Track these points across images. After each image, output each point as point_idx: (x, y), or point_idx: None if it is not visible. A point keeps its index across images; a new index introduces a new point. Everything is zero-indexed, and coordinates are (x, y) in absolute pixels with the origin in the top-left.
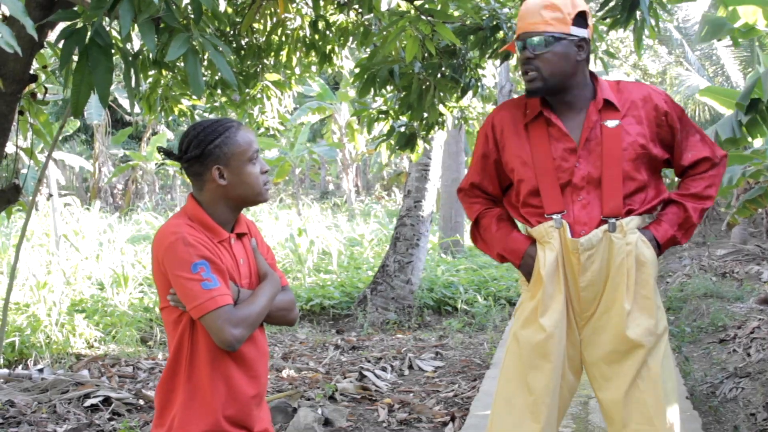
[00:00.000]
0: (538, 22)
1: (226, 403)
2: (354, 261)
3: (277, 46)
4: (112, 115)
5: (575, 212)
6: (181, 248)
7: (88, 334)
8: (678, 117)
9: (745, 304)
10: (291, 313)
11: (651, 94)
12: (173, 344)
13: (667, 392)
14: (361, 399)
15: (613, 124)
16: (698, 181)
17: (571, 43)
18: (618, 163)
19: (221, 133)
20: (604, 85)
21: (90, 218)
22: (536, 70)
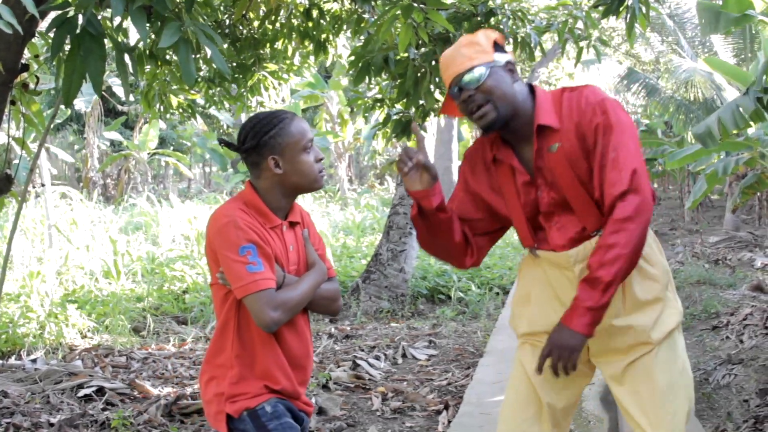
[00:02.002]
0: (463, 62)
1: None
2: (347, 250)
3: (272, 36)
4: (104, 105)
5: (553, 237)
6: (232, 231)
7: (80, 324)
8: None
9: (737, 291)
10: (335, 303)
11: (582, 102)
12: (221, 319)
13: (661, 386)
14: (354, 388)
15: (554, 149)
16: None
17: (500, 68)
18: (573, 184)
19: (276, 124)
20: (544, 104)
21: (83, 208)
22: (484, 102)
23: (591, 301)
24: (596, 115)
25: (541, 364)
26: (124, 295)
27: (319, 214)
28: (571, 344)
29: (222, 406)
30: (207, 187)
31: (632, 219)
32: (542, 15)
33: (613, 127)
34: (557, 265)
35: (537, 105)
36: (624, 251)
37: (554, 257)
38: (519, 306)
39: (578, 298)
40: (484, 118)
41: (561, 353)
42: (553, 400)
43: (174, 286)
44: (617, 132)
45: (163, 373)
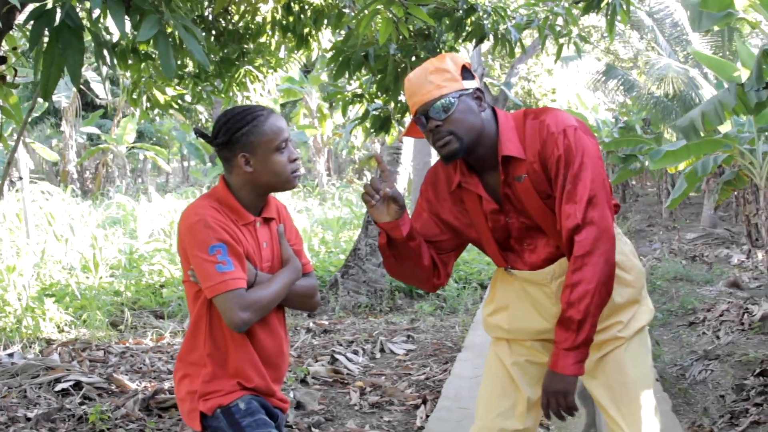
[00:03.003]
0: (431, 90)
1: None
2: (325, 244)
3: (255, 30)
4: (82, 98)
5: (526, 258)
6: (201, 230)
7: (58, 318)
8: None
9: (714, 288)
10: (312, 300)
11: (544, 131)
12: (193, 316)
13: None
14: (333, 382)
15: (521, 179)
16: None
17: (468, 97)
18: (542, 211)
19: (249, 121)
20: (507, 132)
21: (61, 202)
22: (449, 134)
23: (568, 342)
24: (557, 146)
25: (546, 413)
26: (101, 289)
27: (298, 209)
28: (563, 388)
29: (195, 404)
30: (185, 182)
31: (592, 252)
32: (522, 11)
33: (573, 158)
34: (534, 283)
35: (500, 133)
36: (590, 286)
37: (530, 276)
38: (496, 315)
39: (557, 342)
40: (446, 148)
41: (557, 399)
42: (531, 393)
43: (152, 280)
44: (576, 163)
45: (141, 367)
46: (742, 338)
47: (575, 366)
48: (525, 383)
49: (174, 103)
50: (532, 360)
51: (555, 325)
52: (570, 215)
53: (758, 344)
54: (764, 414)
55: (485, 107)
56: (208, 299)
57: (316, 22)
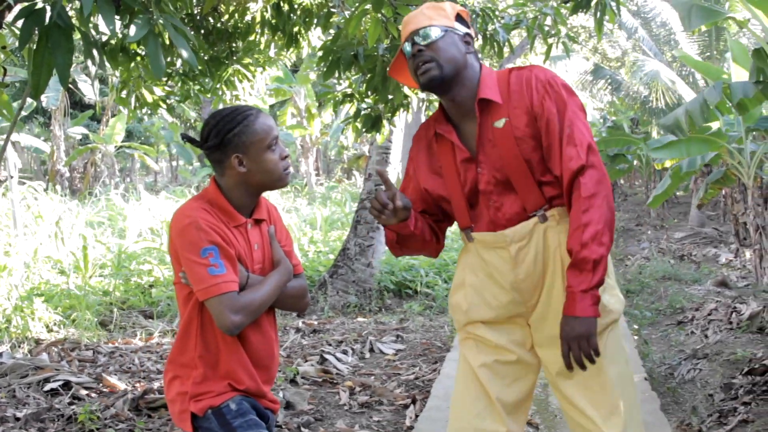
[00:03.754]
0: (422, 20)
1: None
2: (314, 244)
3: (244, 29)
4: (71, 97)
5: (491, 216)
6: (193, 232)
7: (47, 317)
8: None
9: (702, 287)
10: (302, 301)
11: (531, 78)
12: (184, 318)
13: (612, 378)
14: (322, 382)
15: (501, 123)
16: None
17: (457, 36)
18: (518, 160)
19: (240, 122)
20: (489, 81)
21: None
22: (431, 59)
23: (585, 283)
24: (548, 93)
25: (568, 362)
26: (91, 288)
27: (287, 209)
28: (585, 331)
29: (186, 405)
30: (174, 181)
31: (597, 194)
32: (511, 11)
33: (566, 105)
34: (492, 246)
35: (481, 80)
36: (599, 226)
37: (490, 237)
38: (454, 294)
39: (571, 285)
40: (426, 74)
41: (580, 344)
42: (502, 395)
43: (141, 280)
44: (570, 109)
45: (130, 367)
46: (730, 337)
47: (593, 307)
48: (495, 386)
49: (162, 102)
50: (501, 359)
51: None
52: (573, 157)
53: (746, 343)
54: (752, 413)
55: (471, 51)
56: (199, 301)
57: (306, 21)
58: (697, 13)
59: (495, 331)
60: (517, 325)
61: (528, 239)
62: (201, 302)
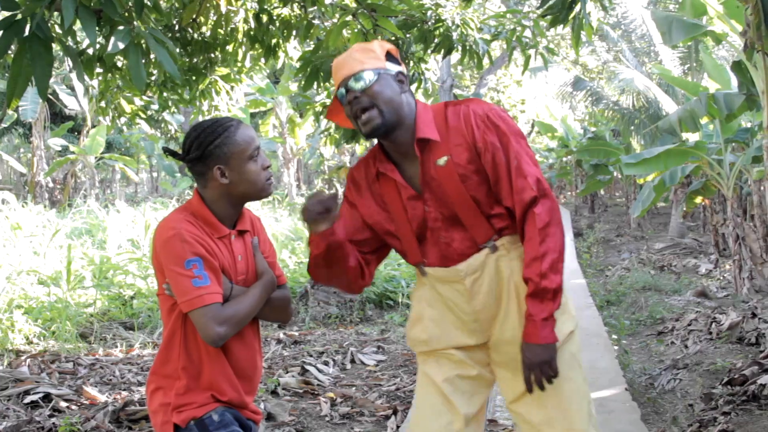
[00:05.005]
0: (353, 65)
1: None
2: (296, 255)
3: (222, 40)
4: (51, 108)
5: (442, 251)
6: (177, 244)
7: (27, 330)
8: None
9: (682, 297)
10: (285, 312)
11: (470, 114)
12: (167, 329)
13: (567, 395)
14: (303, 393)
15: (443, 161)
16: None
17: (389, 76)
18: (464, 197)
19: (221, 133)
20: (426, 118)
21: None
22: (369, 105)
23: (545, 312)
24: (488, 127)
25: (530, 387)
26: (71, 300)
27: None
28: (548, 357)
29: (169, 416)
30: (154, 192)
31: (551, 223)
32: (491, 23)
33: (508, 137)
34: (446, 281)
35: (417, 118)
36: (555, 255)
37: (444, 273)
38: (413, 329)
39: (532, 314)
40: (369, 123)
41: (542, 369)
42: (464, 408)
43: (123, 291)
44: (512, 141)
45: (111, 379)
46: (710, 347)
47: (553, 333)
48: (459, 399)
49: (141, 112)
50: (463, 374)
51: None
52: (525, 188)
53: (726, 353)
54: (732, 422)
55: (406, 90)
56: (182, 313)
57: (285, 32)
58: (678, 27)
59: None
60: (476, 347)
61: (481, 271)
62: (184, 313)
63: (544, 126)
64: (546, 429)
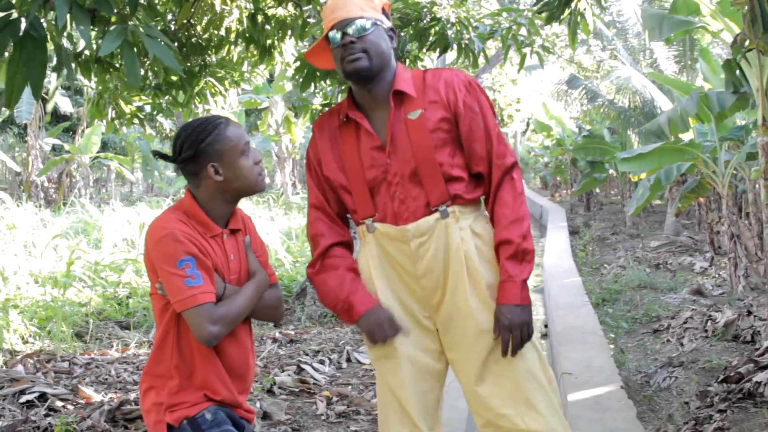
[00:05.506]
0: (353, 10)
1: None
2: (291, 254)
3: (217, 41)
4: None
5: (395, 208)
6: (170, 244)
7: (22, 329)
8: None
9: (678, 295)
10: (277, 311)
11: (452, 78)
12: (160, 329)
13: (523, 374)
14: (299, 392)
15: (416, 115)
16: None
17: (384, 30)
18: (429, 153)
19: (211, 131)
20: (404, 75)
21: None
22: (362, 51)
23: (525, 273)
24: (470, 92)
25: (506, 349)
26: (66, 299)
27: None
28: (526, 318)
29: (161, 416)
30: (150, 191)
31: (522, 192)
32: (486, 21)
33: (488, 107)
34: (393, 238)
35: (396, 74)
36: (529, 221)
37: (391, 230)
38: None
39: (512, 275)
40: (355, 63)
41: (522, 329)
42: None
43: (120, 290)
44: (490, 113)
45: (107, 378)
46: (705, 345)
47: (529, 296)
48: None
49: (137, 113)
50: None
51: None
52: (506, 154)
53: (722, 351)
54: (728, 420)
55: (394, 46)
56: (175, 312)
57: (280, 32)
58: (668, 23)
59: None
60: (424, 330)
61: (429, 235)
62: (177, 313)
63: (540, 125)
64: (505, 409)
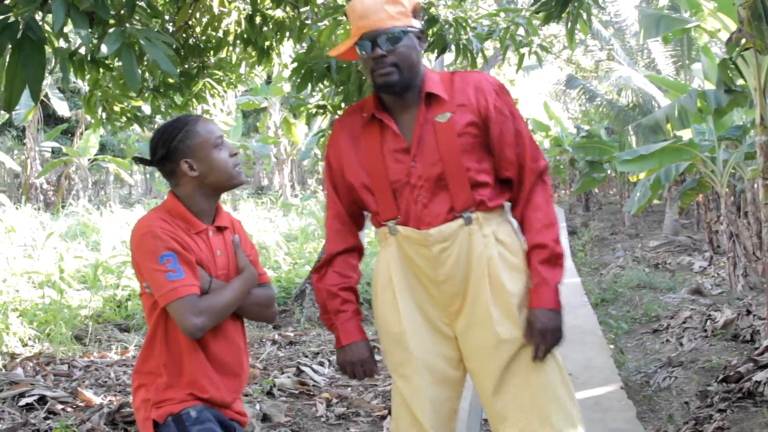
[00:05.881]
0: (384, 19)
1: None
2: (290, 256)
3: (216, 43)
4: (44, 110)
5: (417, 212)
6: (150, 240)
7: (21, 332)
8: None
9: (677, 295)
10: (269, 310)
11: (482, 81)
12: (150, 327)
13: (541, 388)
14: (299, 394)
15: (444, 118)
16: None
17: (414, 35)
18: (456, 157)
19: (181, 128)
20: (433, 77)
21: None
22: (393, 65)
23: (558, 277)
24: (500, 97)
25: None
26: (66, 302)
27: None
28: (559, 323)
29: (149, 413)
30: (148, 194)
31: (552, 196)
32: (484, 22)
33: (517, 112)
34: (415, 242)
35: (425, 77)
36: (558, 225)
37: (414, 234)
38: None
39: (546, 279)
40: (386, 77)
41: (554, 335)
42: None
43: (119, 292)
44: (520, 117)
45: (106, 381)
46: (705, 345)
47: (560, 302)
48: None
49: (131, 114)
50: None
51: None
52: (539, 158)
53: (721, 350)
54: (728, 420)
55: (422, 49)
56: (163, 310)
57: (278, 34)
58: (665, 22)
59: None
60: (443, 336)
61: (452, 241)
62: (165, 311)
63: (539, 124)
64: (521, 423)
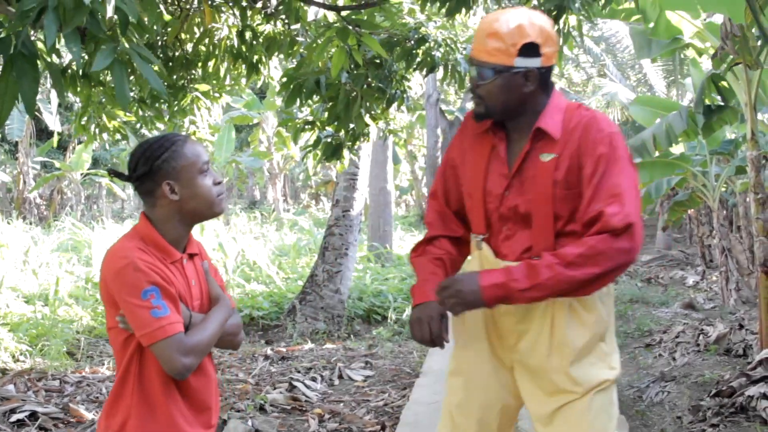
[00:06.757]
0: (481, 51)
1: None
2: (283, 271)
3: (204, 56)
4: (37, 125)
5: (499, 241)
6: (131, 274)
7: (13, 347)
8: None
9: (670, 309)
10: (237, 338)
11: (591, 123)
12: (121, 366)
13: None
14: (291, 410)
15: (548, 158)
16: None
17: (515, 75)
18: (548, 201)
19: (168, 147)
20: (554, 110)
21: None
22: (480, 98)
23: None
24: (603, 144)
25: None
26: (57, 317)
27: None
28: (469, 296)
29: None
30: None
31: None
32: None
33: (618, 161)
34: (491, 264)
35: (546, 109)
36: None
37: (491, 258)
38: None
39: (511, 272)
40: (475, 107)
41: (457, 294)
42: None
43: None
44: (620, 165)
45: (98, 396)
46: (698, 359)
47: (494, 299)
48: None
49: (120, 129)
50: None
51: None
52: (617, 214)
53: (714, 365)
54: None
55: (533, 87)
56: (138, 347)
57: (268, 49)
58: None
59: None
60: (501, 364)
61: None
62: (140, 349)
63: None
64: None
